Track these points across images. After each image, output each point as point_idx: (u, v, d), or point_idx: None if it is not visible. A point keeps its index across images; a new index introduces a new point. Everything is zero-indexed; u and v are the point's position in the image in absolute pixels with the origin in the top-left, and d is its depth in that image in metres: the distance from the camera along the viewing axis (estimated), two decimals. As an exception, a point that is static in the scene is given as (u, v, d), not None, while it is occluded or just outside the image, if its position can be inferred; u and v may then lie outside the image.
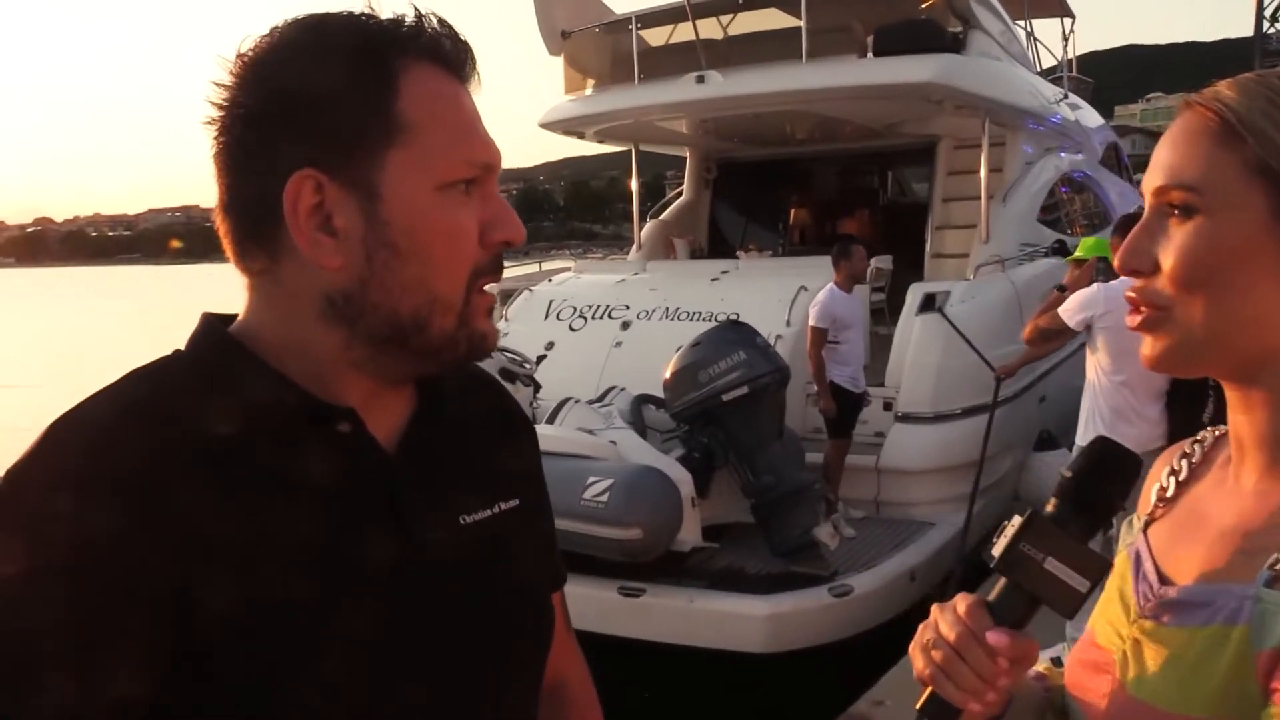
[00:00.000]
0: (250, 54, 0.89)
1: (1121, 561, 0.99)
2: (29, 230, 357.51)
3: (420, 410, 1.00)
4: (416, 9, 0.92)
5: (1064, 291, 5.32)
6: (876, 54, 8.27)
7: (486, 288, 0.95)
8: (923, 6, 8.77)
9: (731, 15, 9.34)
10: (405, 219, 0.89)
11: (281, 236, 0.89)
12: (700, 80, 8.40)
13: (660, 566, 5.30)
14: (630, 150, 10.67)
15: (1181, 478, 0.99)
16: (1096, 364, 4.86)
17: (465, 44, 0.94)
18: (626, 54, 9.31)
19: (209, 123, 0.90)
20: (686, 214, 11.38)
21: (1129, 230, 0.92)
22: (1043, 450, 7.62)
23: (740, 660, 5.09)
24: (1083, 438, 4.86)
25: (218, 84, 0.89)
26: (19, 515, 0.79)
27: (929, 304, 7.05)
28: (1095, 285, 4.98)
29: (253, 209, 0.90)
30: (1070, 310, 4.90)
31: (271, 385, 0.90)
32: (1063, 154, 10.71)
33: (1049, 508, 0.92)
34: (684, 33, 9.13)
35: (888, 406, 6.94)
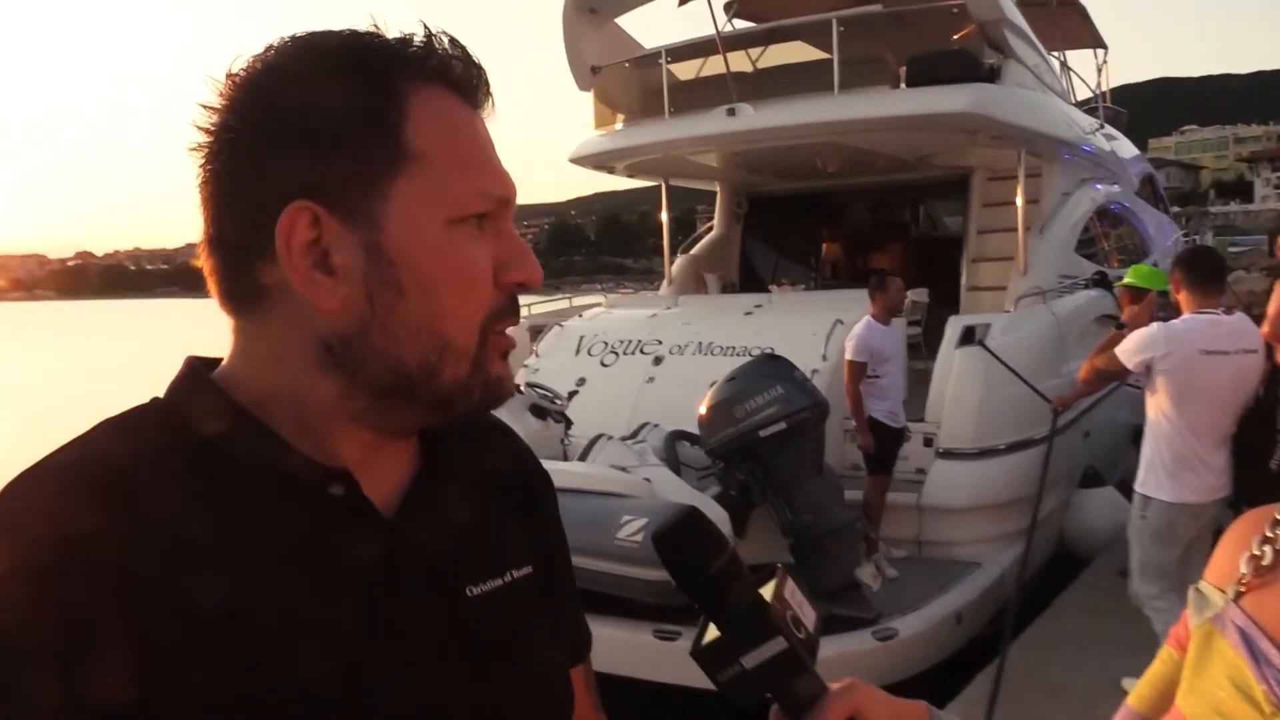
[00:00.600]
0: (242, 74, 0.81)
1: (1214, 640, 0.89)
2: (70, 264, 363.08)
3: (423, 466, 0.90)
4: (426, 27, 0.83)
5: (1122, 329, 5.05)
6: (910, 84, 8.18)
7: (503, 330, 0.86)
8: (955, 37, 8.68)
9: (761, 48, 9.28)
10: (412, 256, 0.80)
11: (273, 274, 0.79)
12: (731, 113, 8.34)
13: (697, 610, 5.12)
14: (660, 185, 10.62)
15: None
16: (1158, 407, 4.59)
17: (478, 67, 0.85)
18: (656, 88, 9.27)
19: (195, 149, 0.81)
20: (717, 248, 11.31)
21: (1197, 266, 0.79)
22: (1087, 487, 7.42)
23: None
24: (1143, 485, 4.64)
25: (206, 106, 0.81)
26: None
27: (969, 337, 6.88)
28: (1155, 324, 4.71)
29: (242, 243, 0.81)
30: (1129, 351, 4.64)
31: (255, 441, 0.80)
32: (1099, 185, 10.56)
33: (700, 636, 0.87)
34: (713, 66, 9.09)
35: (928, 442, 6.77)
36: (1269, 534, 0.91)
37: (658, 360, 7.51)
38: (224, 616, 0.73)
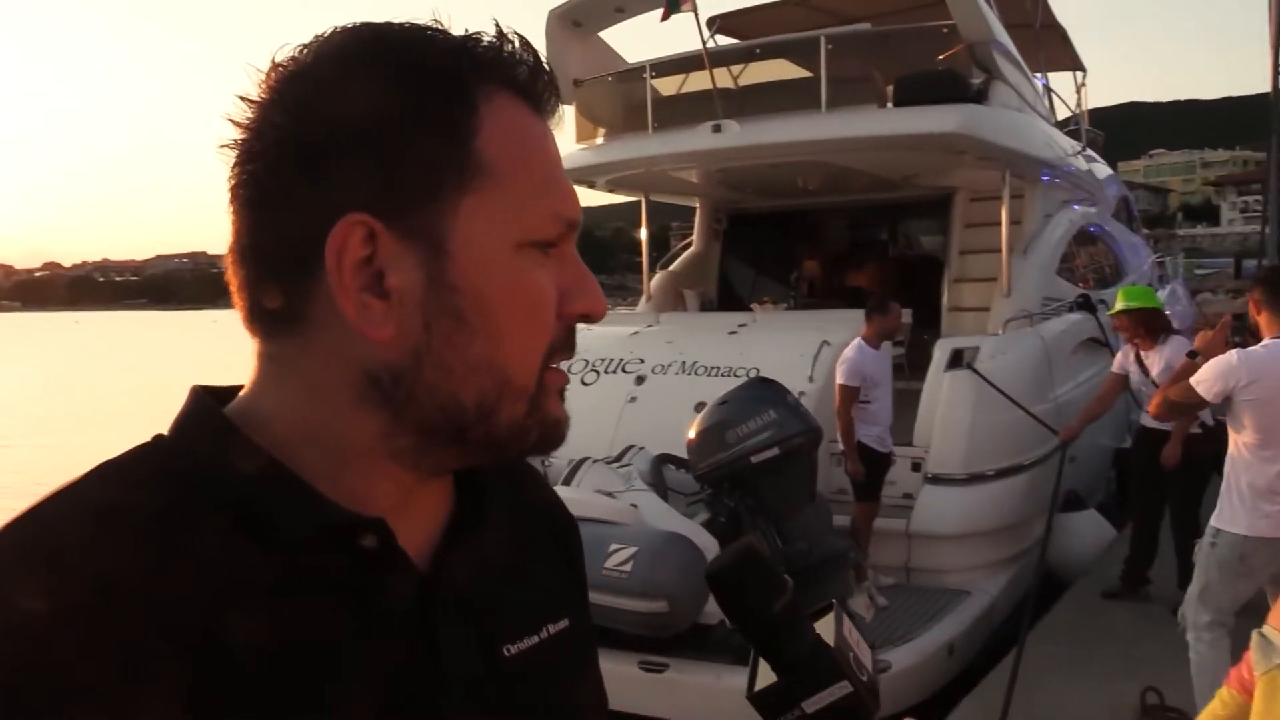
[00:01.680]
0: (291, 65, 0.71)
1: None
2: (37, 275, 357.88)
3: (458, 509, 0.81)
4: (498, 25, 0.74)
5: (1196, 359, 4.75)
6: (897, 104, 8.12)
7: (560, 365, 0.77)
8: (941, 57, 8.63)
9: (743, 66, 9.20)
10: (477, 283, 0.71)
11: (316, 294, 0.70)
12: (717, 129, 8.23)
13: (684, 640, 4.99)
14: (638, 200, 10.55)
15: None
16: (1239, 439, 4.40)
17: (550, 74, 0.76)
18: (639, 103, 9.15)
19: (229, 146, 0.72)
20: (696, 265, 11.20)
21: (1273, 287, 0.68)
22: (1068, 510, 7.35)
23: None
24: (1218, 518, 4.47)
25: (245, 99, 0.71)
26: None
27: (957, 360, 6.80)
28: (1234, 352, 4.45)
29: (281, 256, 0.71)
30: (1207, 381, 4.37)
31: (279, 489, 0.71)
32: (1078, 207, 10.57)
33: (754, 679, 0.85)
34: (696, 82, 9.00)
35: (916, 467, 6.67)
36: None
37: (640, 379, 7.37)
38: (255, 671, 0.66)
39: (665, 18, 8.13)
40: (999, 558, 6.57)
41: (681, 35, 9.75)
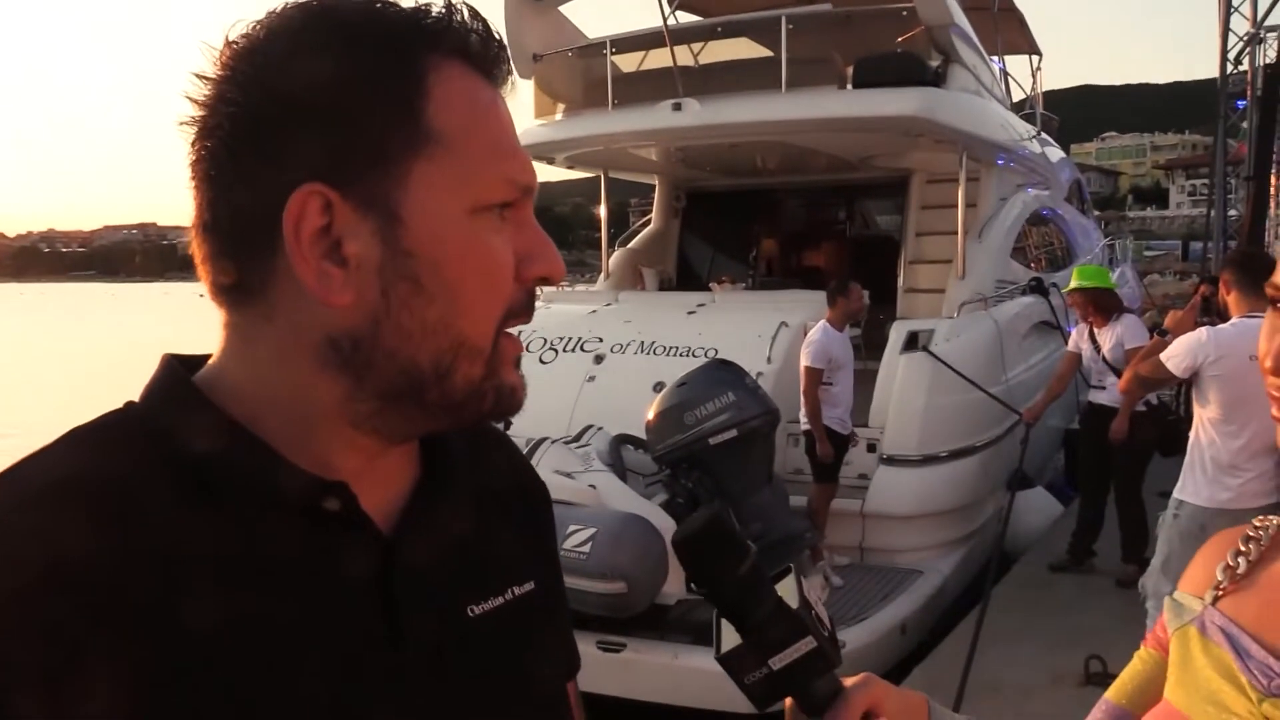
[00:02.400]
0: (243, 42, 0.73)
1: (1194, 641, 1.00)
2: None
3: (423, 475, 0.83)
4: None
5: (1165, 335, 4.91)
6: (856, 85, 8.13)
7: (515, 331, 0.79)
8: (900, 40, 8.66)
9: (704, 43, 9.16)
10: (432, 248, 0.73)
11: (275, 264, 0.72)
12: (677, 108, 8.20)
13: (642, 620, 5.02)
14: (597, 176, 10.50)
15: (1253, 558, 1.02)
16: (1203, 414, 4.51)
17: (500, 42, 0.78)
18: (599, 79, 9.10)
19: (188, 123, 0.74)
20: (655, 243, 11.18)
21: (1251, 267, 0.77)
22: (1018, 489, 7.48)
23: (727, 721, 4.80)
24: (1181, 490, 4.55)
25: (202, 77, 0.73)
26: None
27: (913, 343, 6.87)
28: (1203, 329, 4.62)
29: (241, 229, 0.73)
30: (1176, 356, 4.51)
31: (245, 455, 0.73)
32: (1032, 190, 10.69)
33: (719, 642, 0.88)
34: (656, 59, 8.95)
35: (871, 448, 6.74)
36: (1243, 547, 1.02)
37: (599, 359, 7.35)
38: (214, 638, 0.68)
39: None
40: (951, 537, 6.67)
41: (643, 11, 9.69)
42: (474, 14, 0.76)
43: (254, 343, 0.75)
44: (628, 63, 9.38)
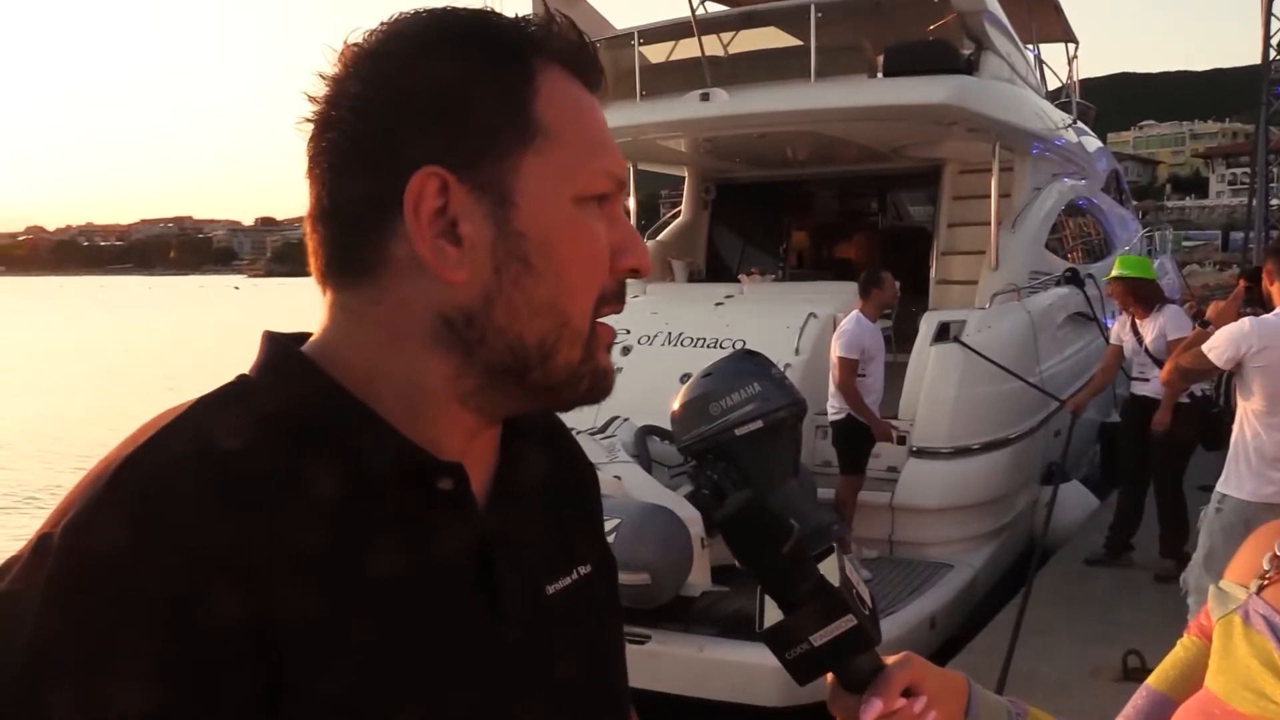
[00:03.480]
0: (365, 44, 0.79)
1: (1237, 629, 1.00)
2: (20, 239, 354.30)
3: (504, 458, 0.88)
4: (546, 7, 0.95)
5: (1208, 327, 4.83)
6: (887, 74, 8.03)
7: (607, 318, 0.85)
8: (932, 27, 8.55)
9: (734, 33, 9.10)
10: (541, 231, 0.79)
11: (391, 246, 0.77)
12: (705, 98, 8.13)
13: (667, 611, 5.00)
14: (626, 168, 10.43)
15: None
16: (1247, 406, 4.45)
17: (594, 50, 0.86)
18: (627, 70, 9.04)
19: (308, 120, 0.80)
20: (684, 235, 11.11)
21: None
22: (1050, 483, 7.37)
23: (753, 714, 4.77)
24: (1224, 484, 4.49)
25: (323, 76, 0.79)
26: (91, 591, 0.66)
27: (944, 333, 6.78)
28: (1245, 320, 4.54)
29: (360, 213, 0.78)
30: (1219, 347, 4.44)
31: (361, 427, 0.77)
32: (1068, 180, 10.52)
33: (762, 618, 0.90)
34: (684, 49, 8.89)
35: (901, 440, 6.65)
36: None
37: (626, 350, 7.33)
38: (326, 609, 0.71)
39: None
40: (982, 531, 6.59)
41: (673, 3, 9.63)
42: (570, 25, 0.83)
43: (365, 321, 0.79)
44: (656, 54, 9.33)
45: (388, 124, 0.77)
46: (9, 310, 76.91)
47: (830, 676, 0.90)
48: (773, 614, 0.88)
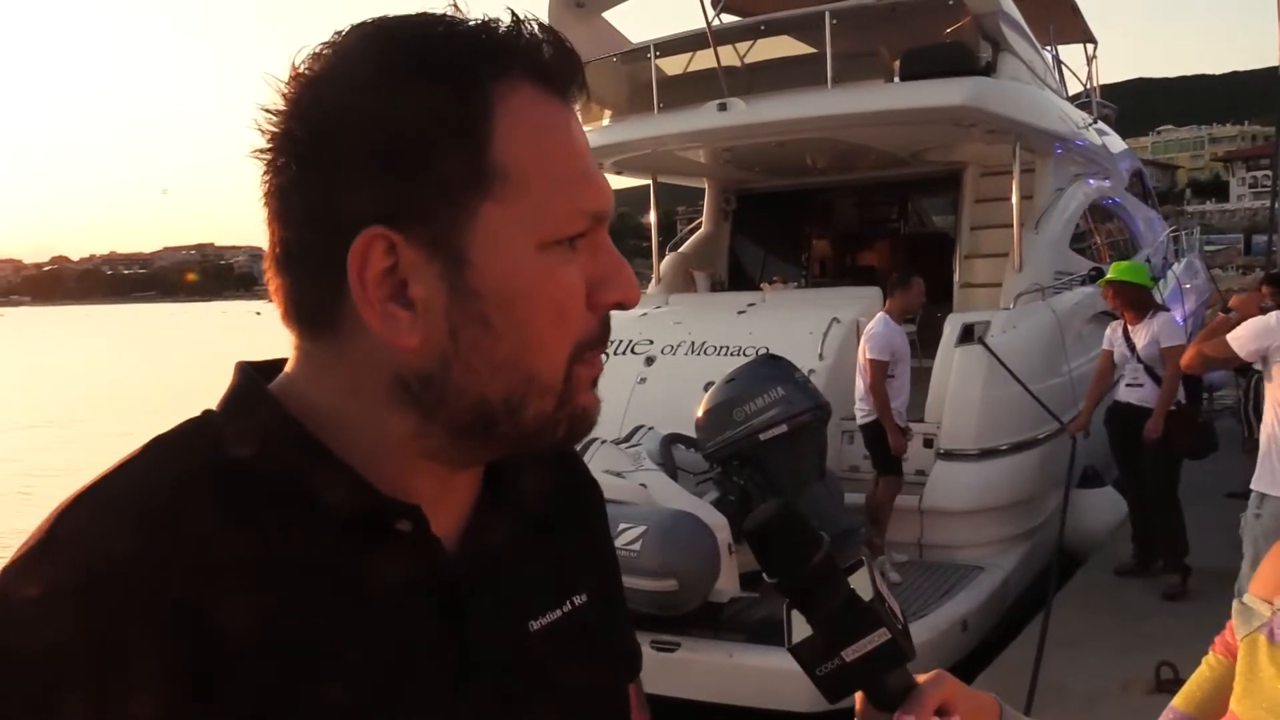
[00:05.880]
0: (306, 72, 0.71)
1: (1262, 648, 0.96)
2: (46, 269, 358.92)
3: (485, 495, 0.82)
4: (513, 12, 0.73)
5: (1230, 314, 4.94)
6: (904, 78, 8.02)
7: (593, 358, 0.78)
8: (948, 30, 8.54)
9: (751, 43, 9.11)
10: (500, 288, 0.71)
11: (346, 301, 0.71)
12: (722, 108, 8.14)
13: (696, 618, 4.97)
14: (645, 184, 10.54)
15: None
16: (1274, 398, 4.47)
17: (571, 52, 0.75)
18: (644, 83, 9.07)
19: (259, 154, 0.72)
20: (706, 246, 11.12)
21: None
22: (1086, 487, 7.29)
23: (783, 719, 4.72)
24: (1258, 481, 4.49)
25: (268, 110, 0.72)
26: (22, 624, 0.64)
27: (968, 335, 6.74)
28: (1273, 314, 4.60)
29: (310, 267, 0.72)
30: (1244, 339, 4.51)
31: (324, 470, 0.73)
32: (1091, 181, 10.46)
33: (790, 633, 0.87)
34: (701, 61, 8.91)
35: (928, 443, 6.62)
36: None
37: (649, 360, 7.32)
38: (272, 653, 0.67)
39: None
40: (1012, 533, 6.53)
41: (688, 14, 9.66)
42: (544, 27, 0.73)
43: (326, 371, 0.75)
44: (673, 66, 9.35)
45: (328, 174, 0.70)
46: (38, 338, 77.85)
47: (860, 694, 0.87)
48: (801, 628, 0.86)
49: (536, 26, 0.73)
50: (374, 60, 0.70)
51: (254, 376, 0.77)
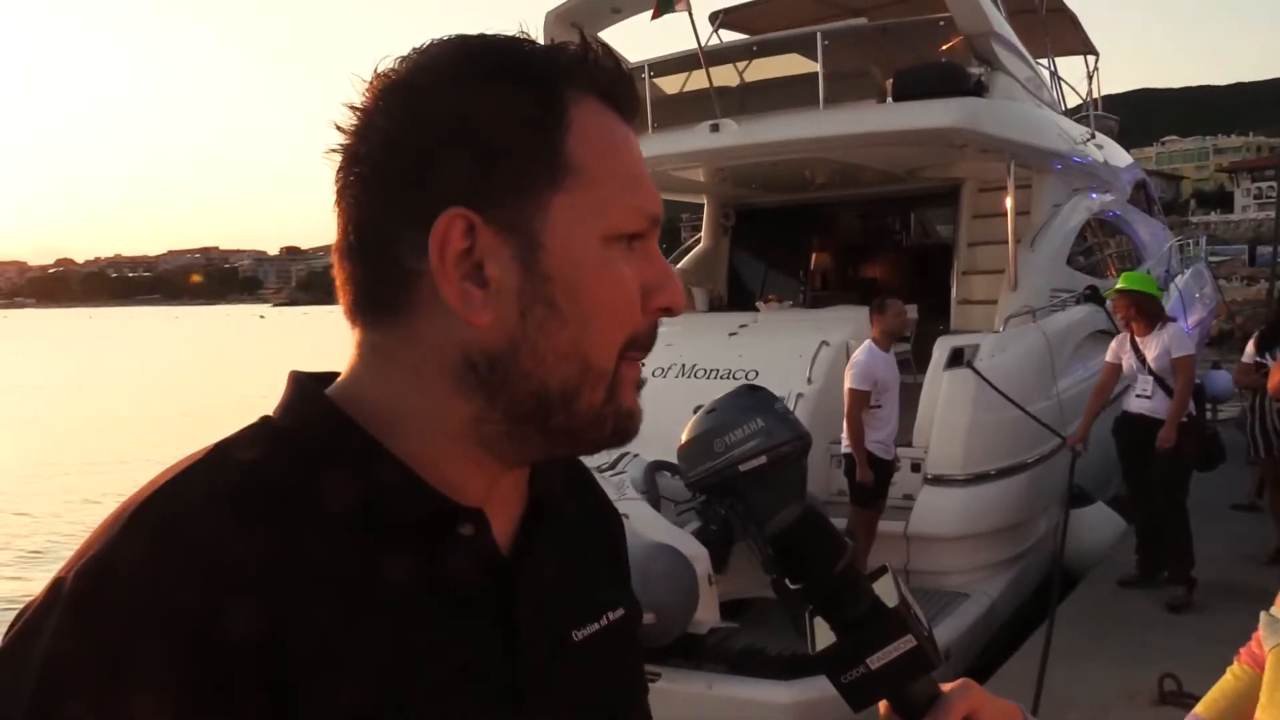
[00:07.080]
0: (393, 75, 0.78)
1: None
2: (51, 271, 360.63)
3: (530, 501, 0.86)
4: (583, 36, 0.82)
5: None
6: (896, 98, 8.02)
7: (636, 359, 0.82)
8: (942, 49, 8.53)
9: (747, 62, 9.12)
10: (569, 274, 0.76)
11: (419, 285, 0.76)
12: (715, 129, 8.16)
13: (676, 649, 4.97)
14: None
15: None
16: None
17: (629, 76, 0.82)
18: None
19: (335, 151, 0.78)
20: (705, 262, 11.12)
21: None
22: (1075, 506, 7.27)
23: (763, 751, 4.73)
24: None
25: (351, 107, 0.77)
26: (105, 632, 0.66)
27: (957, 358, 6.73)
28: None
29: (387, 252, 0.77)
30: None
31: (391, 475, 0.76)
32: (1093, 195, 10.42)
33: (814, 640, 0.86)
34: (697, 81, 8.93)
35: (915, 468, 6.61)
36: None
37: (640, 384, 7.31)
38: (337, 653, 0.71)
39: (655, 16, 8.06)
40: (1000, 558, 6.51)
41: (685, 34, 9.69)
42: (608, 52, 0.80)
43: (392, 361, 0.78)
44: (671, 85, 9.36)
45: (414, 162, 0.75)
46: (41, 341, 78.20)
47: (884, 703, 0.86)
48: (824, 636, 0.85)
49: (601, 51, 0.80)
50: (462, 63, 0.77)
51: (309, 385, 0.81)
